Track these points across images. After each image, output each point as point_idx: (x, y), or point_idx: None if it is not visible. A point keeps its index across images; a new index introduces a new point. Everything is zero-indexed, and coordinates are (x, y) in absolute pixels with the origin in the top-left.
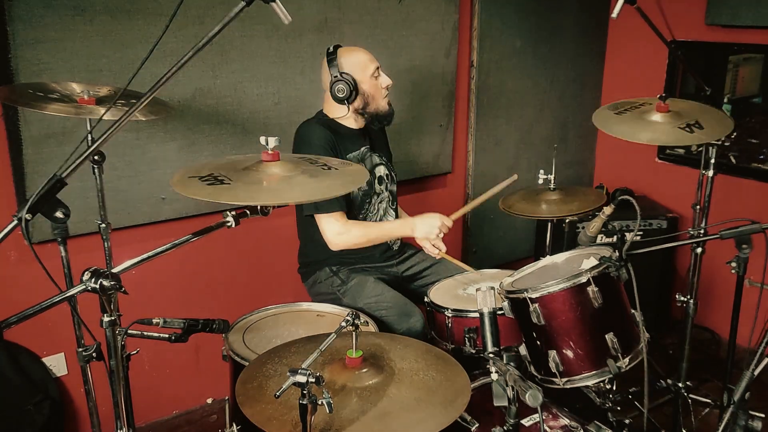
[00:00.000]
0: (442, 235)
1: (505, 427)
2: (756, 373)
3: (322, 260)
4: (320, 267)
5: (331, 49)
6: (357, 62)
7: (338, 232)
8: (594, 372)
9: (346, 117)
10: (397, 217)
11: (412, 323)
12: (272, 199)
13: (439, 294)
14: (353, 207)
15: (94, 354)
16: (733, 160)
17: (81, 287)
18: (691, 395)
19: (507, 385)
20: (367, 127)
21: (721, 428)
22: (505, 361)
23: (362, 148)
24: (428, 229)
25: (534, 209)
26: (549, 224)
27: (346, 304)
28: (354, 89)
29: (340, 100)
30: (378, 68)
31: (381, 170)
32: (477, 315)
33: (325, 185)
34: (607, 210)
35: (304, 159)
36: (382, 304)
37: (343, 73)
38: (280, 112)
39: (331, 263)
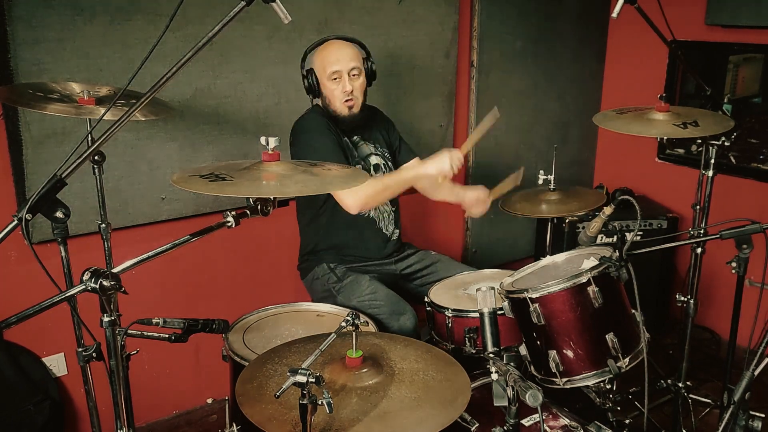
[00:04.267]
0: (456, 168)
1: (505, 427)
2: (756, 373)
3: (321, 255)
4: (318, 263)
5: (318, 39)
6: (319, 60)
7: (350, 191)
8: (594, 372)
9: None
10: (393, 206)
11: (403, 321)
12: (273, 193)
13: (439, 294)
14: None
15: (94, 354)
16: (733, 160)
17: (81, 287)
18: (691, 395)
19: (507, 385)
20: (363, 116)
21: (721, 428)
22: (505, 361)
23: (355, 137)
24: (441, 165)
25: (534, 210)
26: (549, 224)
27: (341, 302)
28: (312, 87)
29: (308, 94)
30: (339, 71)
31: (375, 159)
32: (477, 315)
33: (326, 180)
34: (607, 210)
35: (302, 162)
36: (375, 302)
37: (309, 69)
38: (280, 112)
39: (330, 260)
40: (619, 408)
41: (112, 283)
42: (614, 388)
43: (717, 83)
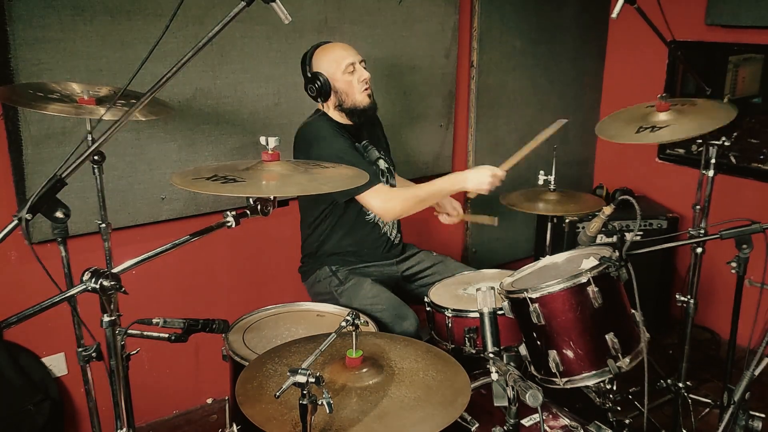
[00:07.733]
0: (494, 187)
1: (505, 427)
2: (756, 373)
3: (323, 258)
4: (320, 266)
5: (309, 48)
6: (329, 59)
7: (384, 199)
8: (594, 372)
9: (333, 113)
10: None
11: (406, 326)
12: (277, 192)
13: (439, 294)
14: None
15: (94, 354)
16: (733, 160)
17: (81, 287)
18: (691, 395)
19: (507, 385)
20: (373, 114)
21: (721, 428)
22: (505, 361)
23: (363, 141)
24: (480, 179)
25: (532, 209)
26: (549, 224)
27: (343, 305)
28: (324, 87)
29: (314, 99)
30: (353, 63)
31: (382, 164)
32: (477, 315)
33: (324, 179)
34: (607, 210)
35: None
36: (377, 306)
37: (314, 72)
38: (280, 112)
39: (332, 263)
40: (619, 408)
41: (112, 283)
42: (614, 388)
43: (717, 83)
